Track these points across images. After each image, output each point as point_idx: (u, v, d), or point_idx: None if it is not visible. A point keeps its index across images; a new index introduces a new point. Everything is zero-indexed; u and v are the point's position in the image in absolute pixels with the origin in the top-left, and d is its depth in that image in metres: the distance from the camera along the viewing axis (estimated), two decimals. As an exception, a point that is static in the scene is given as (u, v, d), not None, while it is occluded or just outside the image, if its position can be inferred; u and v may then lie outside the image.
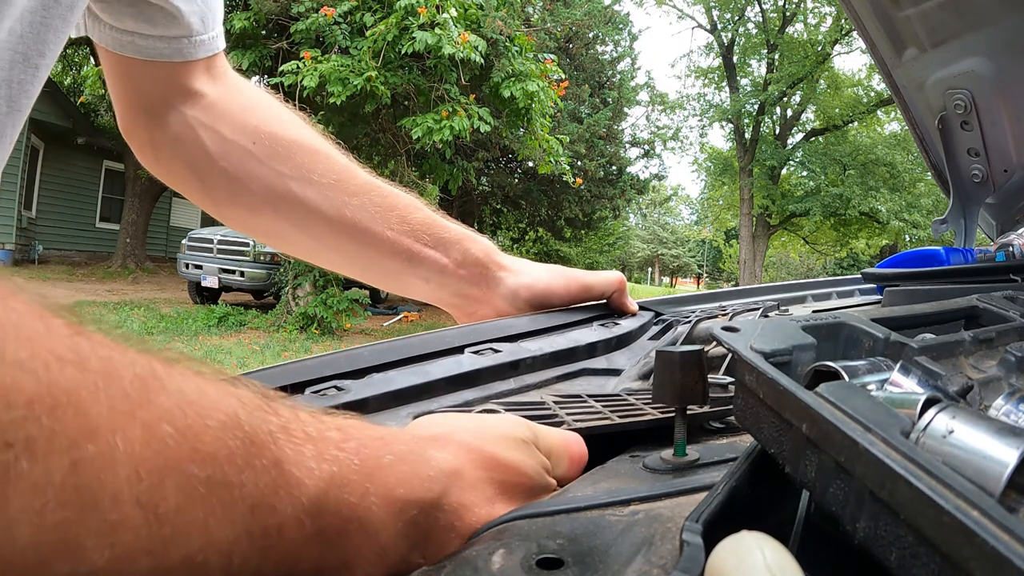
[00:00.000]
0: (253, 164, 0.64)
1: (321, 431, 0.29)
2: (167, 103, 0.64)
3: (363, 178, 0.65)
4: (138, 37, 0.60)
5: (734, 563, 0.22)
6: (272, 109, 0.66)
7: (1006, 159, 1.26)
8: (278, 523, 0.24)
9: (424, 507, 0.31)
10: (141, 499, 0.20)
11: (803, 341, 0.34)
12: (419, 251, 0.64)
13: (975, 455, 0.23)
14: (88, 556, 0.19)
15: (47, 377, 0.19)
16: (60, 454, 0.19)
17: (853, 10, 1.18)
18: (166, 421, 0.21)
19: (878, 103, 18.41)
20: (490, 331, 0.66)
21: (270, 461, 0.25)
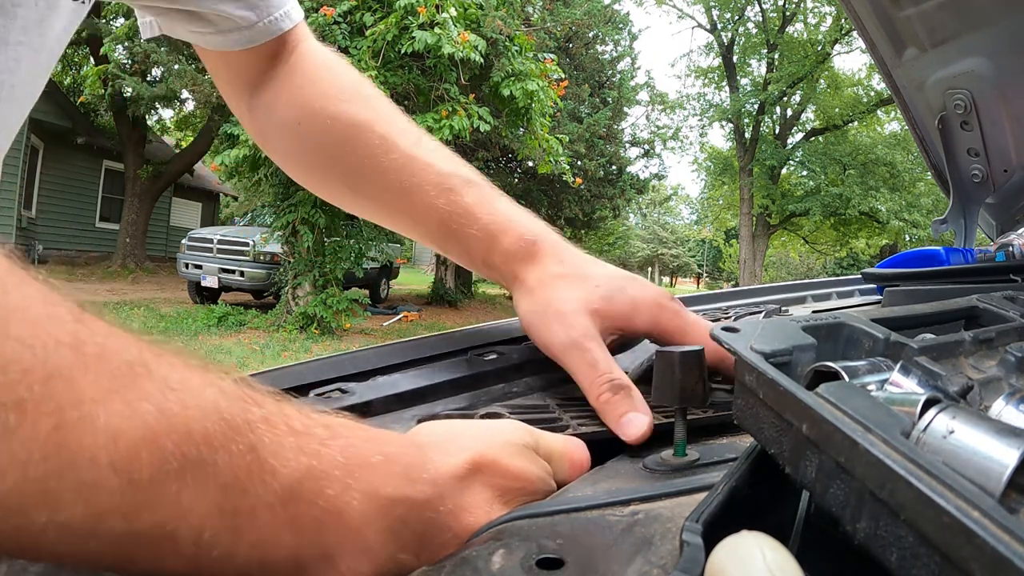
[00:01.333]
0: (298, 144, 0.65)
1: (307, 427, 0.30)
2: (246, 88, 0.67)
3: (396, 154, 0.60)
4: (197, 33, 0.63)
5: (734, 563, 0.22)
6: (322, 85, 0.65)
7: (1006, 159, 1.26)
8: (250, 505, 0.26)
9: (415, 507, 0.31)
10: (116, 465, 0.22)
11: (803, 341, 0.34)
12: (442, 242, 0.60)
13: (975, 455, 0.23)
14: (64, 508, 0.22)
15: (44, 355, 0.22)
16: (46, 416, 0.21)
17: (853, 10, 1.18)
18: (147, 400, 0.24)
19: (878, 103, 18.41)
20: (494, 333, 0.66)
21: (246, 446, 0.26)
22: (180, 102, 13.90)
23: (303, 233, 7.96)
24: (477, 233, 0.58)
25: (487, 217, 0.58)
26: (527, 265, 0.56)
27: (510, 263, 0.57)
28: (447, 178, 0.59)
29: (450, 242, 0.59)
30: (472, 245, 0.58)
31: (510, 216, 0.58)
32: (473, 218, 0.58)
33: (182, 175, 14.78)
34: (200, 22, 0.62)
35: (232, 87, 0.69)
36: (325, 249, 8.28)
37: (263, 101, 0.66)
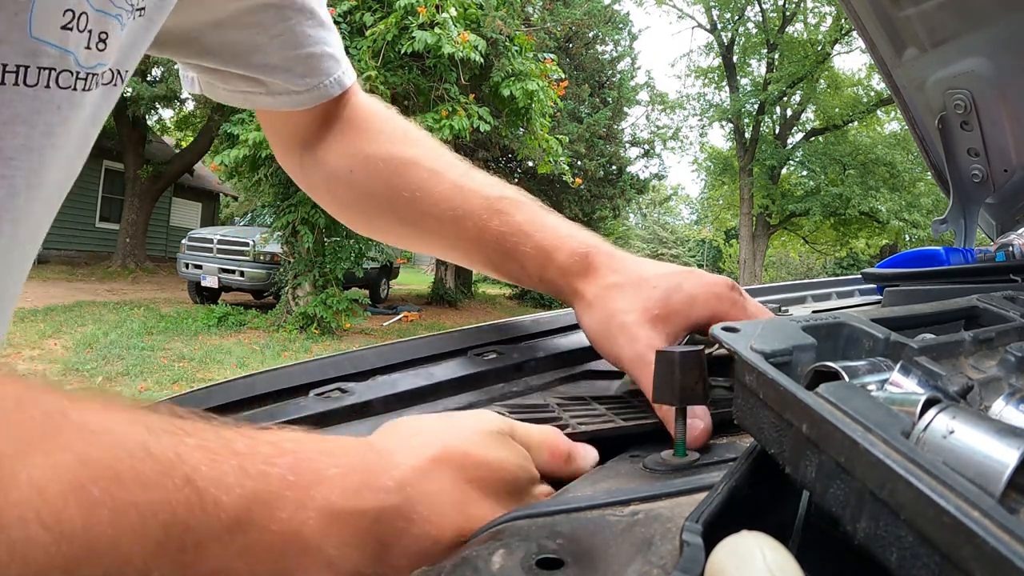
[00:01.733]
0: (351, 191, 0.68)
1: (251, 447, 0.28)
2: (298, 145, 0.71)
3: (446, 185, 0.62)
4: (247, 93, 0.66)
5: (734, 563, 0.22)
6: (371, 132, 0.68)
7: (1006, 159, 1.26)
8: (195, 540, 0.25)
9: (379, 517, 0.30)
10: (45, 520, 0.22)
11: (803, 341, 0.34)
12: (499, 263, 0.61)
13: (975, 455, 0.23)
14: (4, 571, 0.21)
15: None
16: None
17: (853, 10, 1.18)
18: (67, 450, 0.23)
19: (878, 103, 18.41)
20: (494, 333, 0.66)
21: (181, 480, 0.25)
22: (180, 102, 13.91)
23: (303, 233, 7.97)
24: (531, 251, 0.59)
25: (539, 234, 0.59)
26: (583, 278, 0.57)
27: (567, 277, 0.58)
28: (496, 201, 0.60)
29: (506, 263, 0.60)
30: (527, 263, 0.59)
31: (561, 231, 0.59)
32: (526, 236, 0.59)
33: (182, 175, 14.78)
34: (251, 83, 0.64)
35: (284, 143, 0.72)
36: (325, 249, 8.28)
37: (316, 158, 0.69)
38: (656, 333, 0.51)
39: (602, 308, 0.54)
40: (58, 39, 0.43)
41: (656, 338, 0.50)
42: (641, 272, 0.56)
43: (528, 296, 15.06)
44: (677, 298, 0.53)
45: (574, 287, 0.57)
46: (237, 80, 0.65)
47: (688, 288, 0.53)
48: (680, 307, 0.52)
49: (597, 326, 0.54)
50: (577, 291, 0.57)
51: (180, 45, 0.61)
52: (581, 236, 0.59)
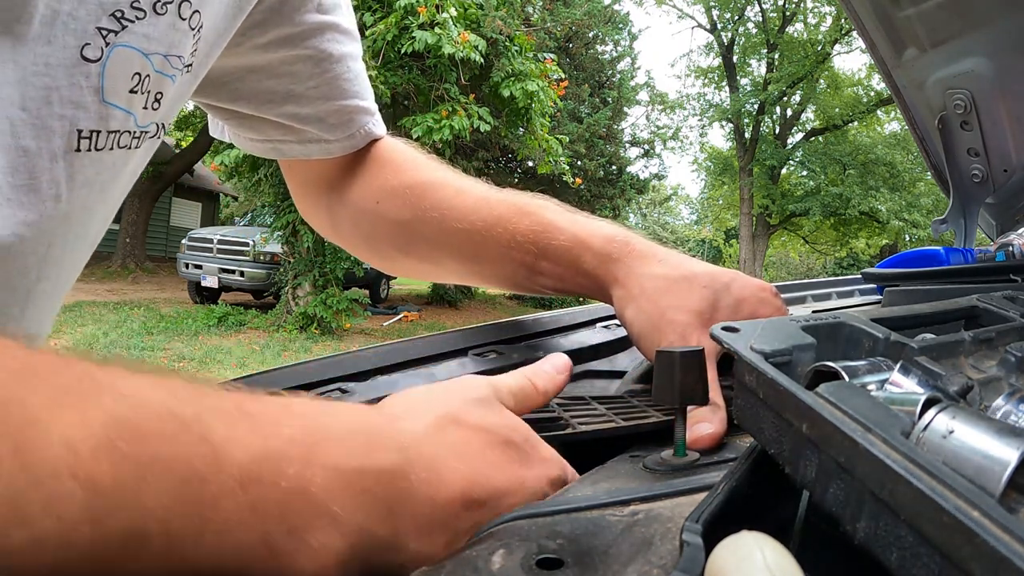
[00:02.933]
0: (378, 222, 0.68)
1: (263, 410, 0.30)
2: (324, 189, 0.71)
3: (473, 199, 0.63)
4: (277, 143, 0.67)
5: (734, 563, 0.22)
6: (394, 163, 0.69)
7: (1006, 159, 1.26)
8: (211, 493, 0.26)
9: (381, 477, 0.31)
10: (77, 474, 0.23)
11: (803, 341, 0.34)
12: (532, 263, 0.60)
13: (975, 455, 0.23)
14: (36, 523, 0.22)
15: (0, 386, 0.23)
16: (4, 438, 0.22)
17: (853, 10, 1.18)
18: (98, 409, 0.25)
19: (878, 103, 18.41)
20: (494, 333, 0.66)
21: (198, 437, 0.27)
22: (180, 102, 13.88)
23: (303, 233, 7.96)
24: (565, 243, 0.58)
25: (572, 227, 0.58)
26: (623, 266, 0.56)
27: (605, 264, 0.56)
28: (524, 205, 0.61)
29: (539, 261, 0.59)
30: (562, 256, 0.58)
31: (593, 223, 0.59)
32: (558, 230, 0.58)
33: (182, 175, 14.77)
34: (282, 131, 0.65)
35: (309, 188, 0.73)
36: (325, 249, 8.28)
37: (342, 197, 0.70)
38: (705, 336, 0.50)
39: (651, 301, 0.53)
40: (126, 102, 0.45)
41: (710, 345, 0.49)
42: (690, 268, 0.54)
43: (528, 296, 15.06)
44: (726, 300, 0.52)
45: (614, 275, 0.56)
46: (268, 128, 0.65)
47: (735, 291, 0.53)
48: (727, 310, 0.52)
49: (645, 319, 0.53)
50: (618, 279, 0.56)
51: (214, 88, 0.61)
52: (615, 227, 0.59)
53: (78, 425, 0.24)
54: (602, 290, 0.58)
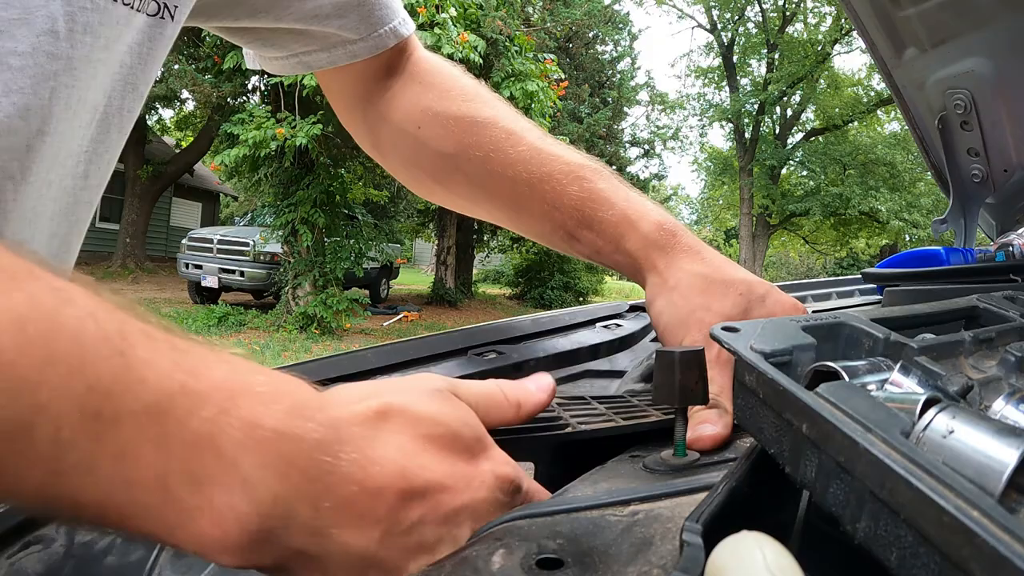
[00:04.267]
0: (419, 149, 0.65)
1: (192, 348, 0.28)
2: (360, 101, 0.68)
3: (524, 147, 0.60)
4: (302, 55, 0.64)
5: (734, 563, 0.22)
6: (440, 88, 0.66)
7: (1006, 159, 1.26)
8: (113, 410, 0.25)
9: (305, 447, 0.28)
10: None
11: (803, 341, 0.34)
12: (573, 230, 0.58)
13: (975, 455, 0.23)
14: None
15: None
16: None
17: (853, 10, 1.18)
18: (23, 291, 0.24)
19: (878, 103, 18.41)
20: (494, 333, 0.66)
21: (115, 351, 0.25)
22: (180, 102, 13.91)
23: (303, 233, 7.97)
24: (612, 218, 0.56)
25: (623, 203, 0.57)
26: (665, 255, 0.55)
27: (647, 249, 0.55)
28: (578, 168, 0.58)
29: (581, 230, 0.57)
30: (606, 230, 0.57)
31: (646, 204, 0.57)
32: (608, 203, 0.57)
33: (182, 175, 14.78)
34: (305, 40, 0.62)
35: (346, 100, 0.69)
36: (325, 249, 8.28)
37: (379, 112, 0.67)
38: None
39: (683, 297, 0.53)
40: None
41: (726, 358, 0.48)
42: (730, 273, 0.54)
43: (528, 296, 15.06)
44: (758, 312, 0.52)
45: (654, 262, 0.55)
46: (290, 41, 0.63)
47: (769, 305, 0.52)
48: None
49: (674, 313, 0.52)
50: (657, 268, 0.55)
51: (232, 8, 0.59)
52: (665, 213, 0.57)
53: (6, 308, 0.23)
54: (638, 273, 0.57)
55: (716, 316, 0.51)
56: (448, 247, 13.53)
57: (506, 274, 17.80)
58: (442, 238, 13.93)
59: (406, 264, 18.60)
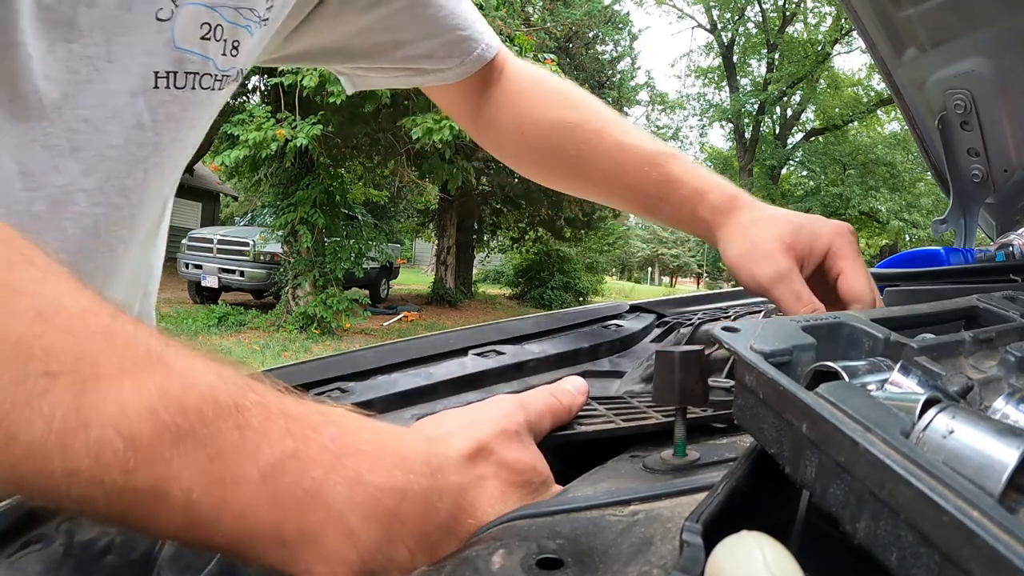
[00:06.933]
0: (524, 148, 0.79)
1: (303, 413, 0.31)
2: (467, 112, 0.81)
3: (609, 143, 0.72)
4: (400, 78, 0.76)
5: (734, 563, 0.22)
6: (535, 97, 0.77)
7: (1006, 159, 1.27)
8: (233, 476, 0.28)
9: (408, 499, 0.31)
10: (120, 429, 0.27)
11: (803, 341, 0.34)
12: (655, 206, 0.71)
13: (975, 455, 0.23)
14: (75, 459, 0.27)
15: (80, 340, 0.28)
16: (71, 385, 0.27)
17: (853, 10, 1.18)
18: (152, 381, 0.28)
19: (878, 103, 18.41)
20: (494, 333, 0.66)
21: (234, 424, 0.29)
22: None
23: (303, 233, 7.96)
24: (686, 194, 0.68)
25: (694, 181, 0.69)
26: (730, 215, 0.66)
27: (716, 215, 0.67)
28: (655, 155, 0.70)
29: (661, 204, 0.70)
30: (682, 204, 0.69)
31: (712, 179, 0.69)
32: (681, 183, 0.69)
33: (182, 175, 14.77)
34: (400, 70, 0.74)
35: (456, 111, 0.83)
36: (325, 249, 8.28)
37: (485, 121, 0.79)
38: (788, 259, 0.60)
39: (745, 238, 0.63)
40: (200, 48, 0.54)
41: (786, 263, 0.60)
42: (777, 212, 0.65)
43: (528, 296, 15.06)
44: (805, 231, 0.62)
45: (720, 223, 0.66)
46: (388, 71, 0.75)
47: (814, 225, 0.63)
48: (806, 238, 0.62)
49: (740, 251, 0.63)
50: (724, 226, 0.66)
51: (329, 57, 0.72)
52: (728, 184, 0.69)
53: (132, 391, 0.28)
54: (710, 233, 0.68)
55: (772, 243, 0.61)
56: (448, 247, 13.53)
57: (506, 274, 17.81)
58: (442, 238, 13.93)
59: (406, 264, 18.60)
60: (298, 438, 0.30)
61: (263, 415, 0.30)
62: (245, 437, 0.29)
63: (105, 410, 0.27)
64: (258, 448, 0.29)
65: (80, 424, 0.27)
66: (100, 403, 0.27)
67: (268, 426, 0.30)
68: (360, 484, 0.30)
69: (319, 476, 0.30)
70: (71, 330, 0.28)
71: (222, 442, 0.29)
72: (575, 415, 0.45)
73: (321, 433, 0.31)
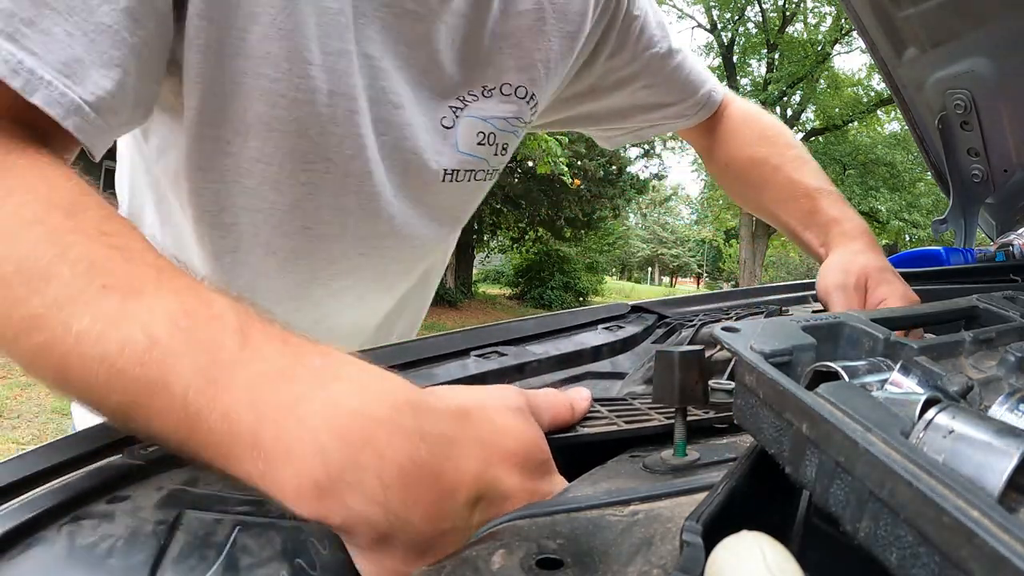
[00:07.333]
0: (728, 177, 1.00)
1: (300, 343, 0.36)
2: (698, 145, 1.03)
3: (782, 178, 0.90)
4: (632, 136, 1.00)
5: (734, 563, 0.22)
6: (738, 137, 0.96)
7: (1006, 159, 1.27)
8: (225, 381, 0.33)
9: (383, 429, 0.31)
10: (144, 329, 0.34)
11: (803, 341, 0.34)
12: (801, 232, 0.87)
13: (975, 455, 0.23)
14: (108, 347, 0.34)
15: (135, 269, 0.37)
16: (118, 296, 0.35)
17: (853, 10, 1.18)
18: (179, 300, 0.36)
19: (878, 103, 18.40)
20: (495, 334, 0.66)
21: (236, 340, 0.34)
22: (180, 102, 13.86)
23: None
24: (823, 223, 0.85)
25: (832, 213, 0.85)
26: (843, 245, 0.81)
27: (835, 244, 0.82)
28: (810, 192, 0.87)
29: (808, 231, 0.86)
30: (819, 234, 0.85)
31: (847, 215, 0.85)
32: (822, 213, 0.85)
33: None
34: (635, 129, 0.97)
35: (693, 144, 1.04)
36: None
37: (712, 156, 1.00)
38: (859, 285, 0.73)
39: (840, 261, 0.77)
40: (476, 151, 0.73)
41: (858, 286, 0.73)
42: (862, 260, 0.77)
43: (528, 296, 15.06)
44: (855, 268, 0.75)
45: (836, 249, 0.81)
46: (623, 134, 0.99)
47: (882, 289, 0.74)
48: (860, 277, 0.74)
49: (830, 267, 0.77)
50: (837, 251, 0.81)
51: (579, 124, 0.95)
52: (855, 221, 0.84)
53: (161, 305, 0.35)
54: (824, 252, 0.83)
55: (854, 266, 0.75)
56: (448, 247, 13.50)
57: (506, 274, 17.80)
58: (442, 238, 13.90)
59: (406, 264, 18.52)
60: (289, 360, 0.34)
61: (264, 337, 0.35)
62: (243, 351, 0.34)
63: (137, 315, 0.34)
64: (251, 360, 0.33)
65: (116, 321, 0.34)
66: (135, 310, 0.34)
67: (266, 346, 0.34)
68: (336, 406, 0.31)
69: (299, 392, 0.32)
70: (131, 260, 0.37)
71: (222, 352, 0.33)
72: (577, 419, 0.44)
73: (311, 359, 0.34)
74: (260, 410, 0.32)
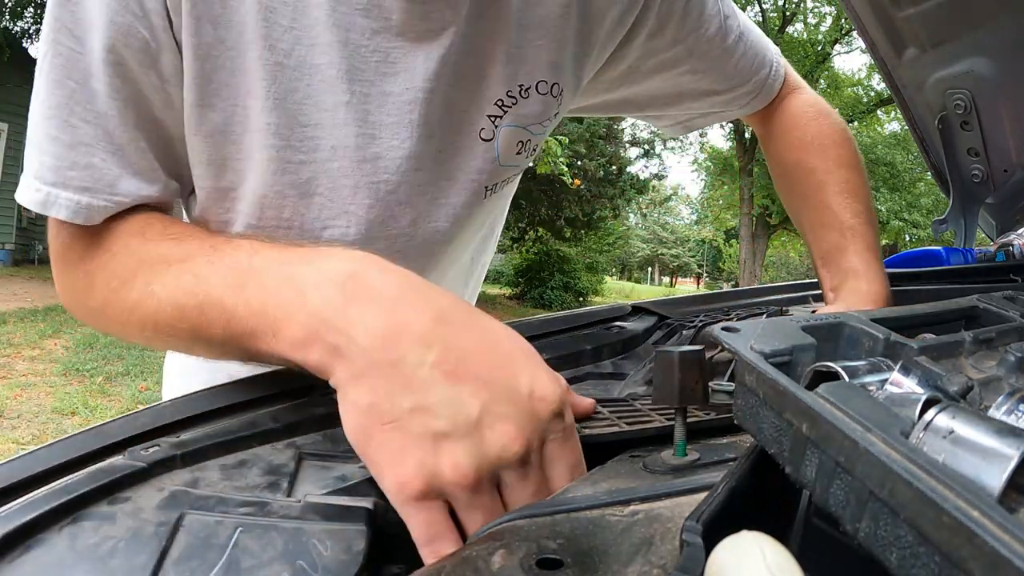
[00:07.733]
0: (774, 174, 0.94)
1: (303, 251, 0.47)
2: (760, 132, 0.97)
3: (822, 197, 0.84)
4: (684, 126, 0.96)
5: (734, 563, 0.22)
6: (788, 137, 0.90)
7: (1006, 159, 1.27)
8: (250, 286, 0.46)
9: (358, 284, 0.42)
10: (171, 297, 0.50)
11: (803, 341, 0.34)
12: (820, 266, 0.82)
13: (975, 455, 0.23)
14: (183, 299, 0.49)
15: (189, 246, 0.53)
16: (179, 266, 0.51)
17: (853, 10, 1.18)
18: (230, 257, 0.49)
19: (878, 103, 18.41)
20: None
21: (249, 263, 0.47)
22: (180, 103, 13.87)
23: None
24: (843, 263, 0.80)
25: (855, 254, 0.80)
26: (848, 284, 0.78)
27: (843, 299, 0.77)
28: (847, 229, 0.81)
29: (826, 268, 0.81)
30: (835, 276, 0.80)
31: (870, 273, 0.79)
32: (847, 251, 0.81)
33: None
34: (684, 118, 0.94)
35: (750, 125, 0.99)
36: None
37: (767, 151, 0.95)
38: None
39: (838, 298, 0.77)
40: (514, 161, 0.71)
41: None
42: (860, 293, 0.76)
43: (528, 296, 15.05)
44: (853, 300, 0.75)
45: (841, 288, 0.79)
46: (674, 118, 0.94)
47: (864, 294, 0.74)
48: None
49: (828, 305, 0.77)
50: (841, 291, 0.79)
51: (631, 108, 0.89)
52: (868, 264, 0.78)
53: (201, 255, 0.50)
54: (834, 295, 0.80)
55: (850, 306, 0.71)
56: (448, 247, 13.49)
57: (506, 274, 17.80)
58: (442, 238, 13.89)
59: (406, 264, 18.49)
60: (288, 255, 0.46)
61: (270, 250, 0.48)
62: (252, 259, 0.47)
63: (188, 269, 0.49)
64: (260, 266, 0.46)
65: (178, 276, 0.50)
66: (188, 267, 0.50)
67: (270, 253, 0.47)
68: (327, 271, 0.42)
69: (290, 271, 0.44)
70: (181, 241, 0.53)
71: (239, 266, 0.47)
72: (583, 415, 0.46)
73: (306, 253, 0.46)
74: (268, 291, 0.43)
